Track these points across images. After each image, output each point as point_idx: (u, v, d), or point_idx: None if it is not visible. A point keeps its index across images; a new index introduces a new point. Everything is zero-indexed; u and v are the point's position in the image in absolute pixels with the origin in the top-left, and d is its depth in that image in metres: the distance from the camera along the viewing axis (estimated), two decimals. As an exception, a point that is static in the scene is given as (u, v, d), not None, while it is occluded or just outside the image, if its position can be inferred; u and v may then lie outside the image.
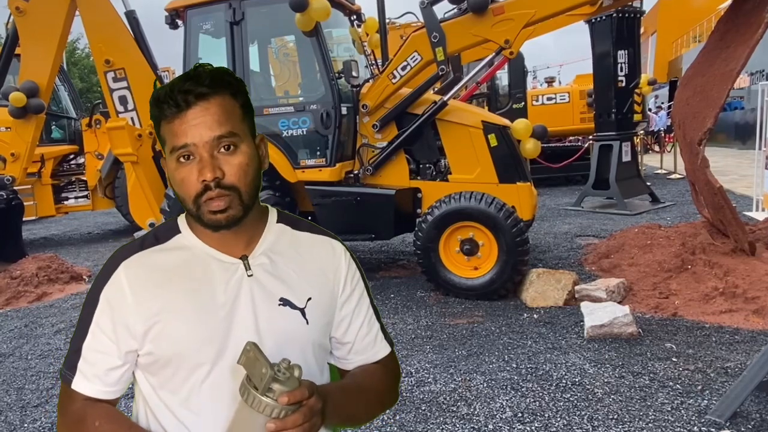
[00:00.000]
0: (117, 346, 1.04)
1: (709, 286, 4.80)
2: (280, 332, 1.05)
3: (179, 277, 1.05)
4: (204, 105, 0.98)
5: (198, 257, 1.07)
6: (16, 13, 7.61)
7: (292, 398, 0.89)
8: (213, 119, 0.98)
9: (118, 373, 1.06)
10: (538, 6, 5.16)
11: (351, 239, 6.29)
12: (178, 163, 1.00)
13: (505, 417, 3.17)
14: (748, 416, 2.99)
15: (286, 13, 5.36)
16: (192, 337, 1.02)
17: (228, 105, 1.00)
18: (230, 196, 1.00)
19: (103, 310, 1.04)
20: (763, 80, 15.23)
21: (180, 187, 1.01)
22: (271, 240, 1.11)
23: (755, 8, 4.95)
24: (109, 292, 1.04)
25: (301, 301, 1.08)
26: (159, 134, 1.03)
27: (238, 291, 1.05)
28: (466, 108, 6.09)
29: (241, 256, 1.07)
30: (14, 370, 4.36)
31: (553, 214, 9.69)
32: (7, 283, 6.51)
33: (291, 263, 1.10)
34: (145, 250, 1.08)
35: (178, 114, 0.98)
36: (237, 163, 1.00)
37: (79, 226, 12.15)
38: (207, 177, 0.97)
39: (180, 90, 0.97)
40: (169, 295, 1.03)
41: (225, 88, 1.00)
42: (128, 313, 1.02)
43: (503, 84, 13.48)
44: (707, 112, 5.12)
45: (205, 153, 0.98)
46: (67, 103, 11.40)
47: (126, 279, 1.04)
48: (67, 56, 25.21)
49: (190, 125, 0.97)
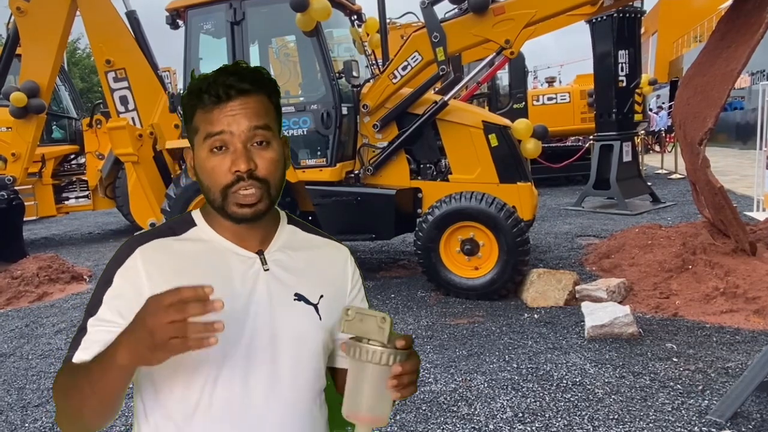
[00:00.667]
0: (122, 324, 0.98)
1: (709, 286, 4.80)
2: (294, 327, 1.07)
3: (196, 265, 1.05)
4: (244, 99, 1.01)
5: (215, 249, 1.08)
6: (17, 13, 7.62)
7: (408, 342, 0.93)
8: (251, 111, 1.01)
9: None
10: (538, 6, 5.16)
11: (351, 239, 6.29)
12: (210, 153, 1.01)
13: (506, 417, 3.17)
14: (749, 416, 2.99)
15: (286, 13, 5.36)
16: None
17: (265, 103, 1.03)
18: (261, 189, 1.02)
19: (115, 289, 1.02)
20: (763, 80, 15.21)
21: (209, 176, 1.02)
22: (284, 238, 1.14)
23: (756, 8, 4.95)
24: (124, 272, 1.03)
25: (314, 297, 1.10)
26: (190, 124, 1.04)
27: (254, 284, 1.06)
28: (467, 108, 6.08)
29: (258, 251, 1.09)
30: (15, 370, 4.36)
31: (554, 214, 9.69)
32: (7, 282, 6.52)
33: (304, 261, 1.13)
34: (161, 238, 1.08)
35: (218, 104, 1.00)
36: (269, 157, 1.03)
37: (80, 226, 12.15)
38: (241, 168, 0.99)
39: (222, 83, 0.99)
40: (185, 281, 0.99)
41: (264, 87, 1.04)
42: (142, 294, 0.98)
43: (504, 84, 13.48)
44: (708, 112, 5.12)
45: (239, 144, 1.00)
46: (68, 103, 11.41)
47: (142, 262, 1.03)
48: (68, 56, 25.24)
49: (227, 115, 1.00)
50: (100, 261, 8.14)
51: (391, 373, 0.93)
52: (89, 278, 7.15)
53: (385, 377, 0.93)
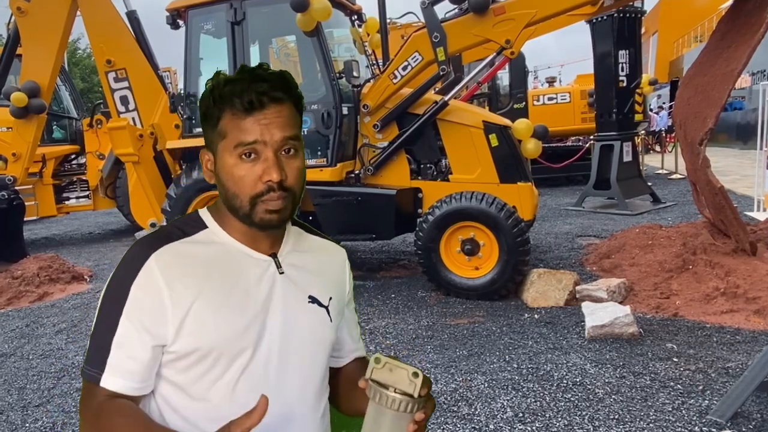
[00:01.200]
0: (150, 340, 1.00)
1: (710, 286, 4.79)
2: (307, 330, 1.08)
3: (214, 269, 1.04)
4: (277, 108, 1.01)
5: (229, 253, 1.07)
6: (18, 13, 7.62)
7: (429, 387, 0.95)
8: (284, 121, 1.01)
9: (149, 369, 1.01)
10: (539, 6, 5.16)
11: (352, 239, 6.29)
12: (239, 160, 1.00)
13: (506, 417, 3.17)
14: (749, 416, 2.99)
15: (287, 13, 5.36)
16: (231, 328, 1.01)
17: (294, 112, 1.05)
18: (288, 199, 1.02)
19: (135, 303, 0.99)
20: (764, 80, 15.21)
21: (236, 184, 1.01)
22: (293, 240, 1.15)
23: (756, 8, 4.95)
24: (141, 283, 1.00)
25: (325, 299, 1.12)
26: (214, 128, 1.02)
27: (271, 288, 1.07)
28: (467, 108, 6.08)
29: (271, 254, 1.09)
30: (16, 370, 4.36)
31: (554, 214, 9.69)
32: (8, 282, 6.52)
33: (312, 263, 1.15)
34: (174, 242, 1.05)
35: (252, 112, 0.99)
36: (297, 167, 1.04)
37: (81, 226, 12.16)
38: (274, 177, 0.99)
39: (256, 90, 0.99)
40: (205, 286, 1.02)
41: (293, 96, 1.04)
42: (163, 304, 0.99)
43: (504, 84, 13.48)
44: (708, 112, 5.12)
45: (271, 153, 1.00)
46: (69, 103, 11.41)
47: (159, 270, 1.00)
48: (68, 56, 25.24)
49: (261, 123, 0.99)
50: (101, 261, 8.15)
51: (414, 419, 0.94)
52: (90, 278, 7.15)
53: (403, 423, 0.94)
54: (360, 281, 6.16)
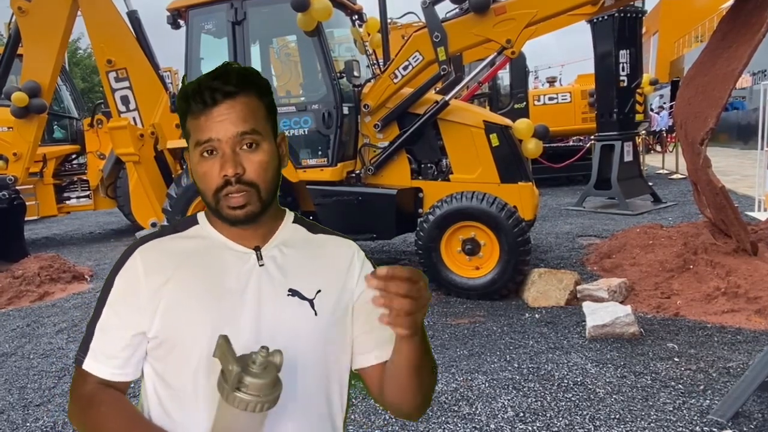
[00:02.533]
0: (128, 327, 1.06)
1: (711, 286, 4.79)
2: (286, 323, 1.06)
3: (192, 261, 1.07)
4: (230, 103, 1.00)
5: (212, 246, 1.10)
6: (19, 13, 7.63)
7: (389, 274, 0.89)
8: (238, 116, 1.00)
9: (126, 354, 1.06)
10: (539, 6, 5.16)
11: (352, 239, 6.27)
12: (201, 158, 1.03)
13: (507, 417, 3.17)
14: (750, 416, 2.99)
15: (287, 13, 5.36)
16: (201, 318, 1.03)
17: (253, 104, 1.03)
18: (249, 192, 1.02)
19: (117, 292, 1.07)
20: (765, 80, 15.19)
21: (201, 181, 1.04)
22: (284, 236, 1.14)
23: (757, 8, 4.94)
24: (124, 274, 1.07)
25: (310, 293, 1.09)
26: (184, 128, 1.06)
27: (247, 280, 1.07)
28: (468, 108, 6.08)
29: (255, 247, 1.10)
30: (16, 370, 4.37)
31: (555, 214, 9.69)
32: (9, 282, 6.52)
33: (302, 257, 1.13)
34: (161, 237, 1.12)
35: (204, 110, 1.00)
36: (258, 160, 1.03)
37: (81, 226, 12.17)
38: (228, 172, 1.00)
39: (208, 87, 1.00)
40: (180, 276, 1.06)
41: (251, 88, 1.03)
42: (140, 293, 1.05)
43: (505, 84, 13.48)
44: (709, 111, 5.12)
45: (227, 149, 1.01)
46: (69, 103, 11.42)
47: (141, 262, 1.07)
48: (69, 56, 25.26)
49: (215, 121, 1.00)
50: (102, 261, 8.15)
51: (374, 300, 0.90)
52: (90, 278, 7.15)
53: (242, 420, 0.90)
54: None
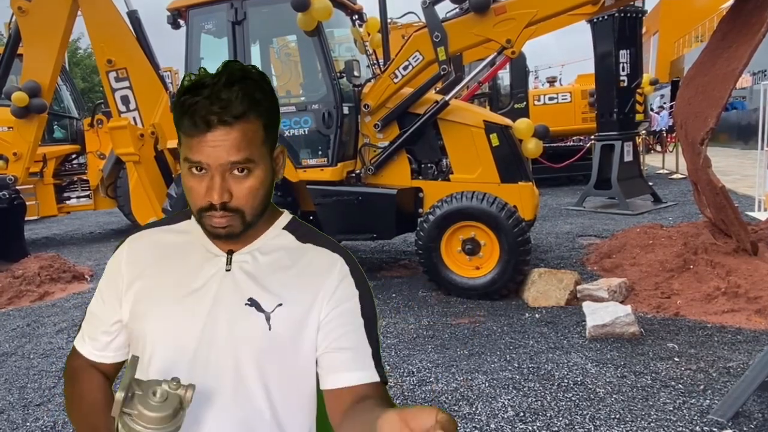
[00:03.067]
0: (108, 312, 1.11)
1: (711, 285, 4.79)
2: (237, 332, 1.03)
3: (170, 256, 1.10)
4: (226, 130, 0.95)
5: (192, 243, 1.10)
6: (19, 12, 7.62)
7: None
8: (232, 145, 0.95)
9: (107, 338, 1.12)
10: (539, 5, 5.16)
11: (352, 239, 6.29)
12: (189, 172, 1.00)
13: (507, 416, 3.17)
14: (751, 416, 2.99)
15: (287, 13, 5.36)
16: (162, 313, 1.06)
17: (250, 131, 0.97)
18: (233, 217, 1.00)
19: (104, 278, 1.14)
20: (765, 80, 15.19)
21: (188, 194, 1.03)
22: (263, 242, 1.10)
23: (757, 8, 4.94)
24: (111, 262, 1.13)
25: (269, 305, 1.03)
26: (178, 132, 1.01)
27: (211, 283, 1.06)
28: (468, 108, 6.08)
29: (228, 250, 1.08)
30: (16, 369, 4.37)
31: (555, 214, 9.69)
32: (9, 282, 6.52)
33: (275, 267, 1.07)
34: (152, 228, 1.16)
35: (198, 133, 0.95)
36: (247, 186, 0.99)
37: (81, 226, 12.17)
38: (214, 199, 0.97)
39: (206, 110, 0.93)
40: (154, 270, 1.09)
41: (254, 112, 0.97)
42: (119, 281, 1.10)
43: (505, 84, 13.48)
44: (709, 111, 5.12)
45: (216, 175, 0.97)
46: (69, 102, 11.41)
47: (126, 252, 1.12)
48: (69, 56, 25.26)
49: (207, 146, 0.95)
50: (102, 260, 8.15)
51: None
52: (90, 278, 7.15)
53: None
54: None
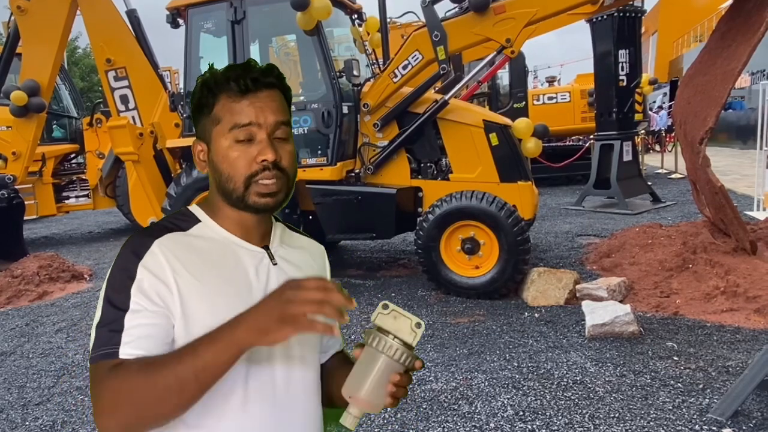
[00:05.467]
0: (160, 312, 0.97)
1: (710, 285, 4.80)
2: None
3: (213, 261, 1.05)
4: (270, 93, 1.05)
5: (225, 244, 1.08)
6: (18, 12, 7.62)
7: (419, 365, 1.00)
8: (277, 106, 1.05)
9: (163, 341, 0.97)
10: (539, 5, 5.16)
11: (352, 238, 6.29)
12: (234, 143, 1.03)
13: (507, 415, 3.17)
14: (750, 415, 2.99)
15: (287, 12, 5.36)
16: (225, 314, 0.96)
17: (283, 100, 1.08)
18: (282, 180, 1.05)
19: (142, 281, 0.97)
20: (764, 80, 15.21)
21: (231, 165, 1.03)
22: (279, 234, 1.17)
23: (756, 7, 4.95)
24: (149, 263, 0.99)
25: None
26: (209, 115, 1.04)
27: (267, 278, 1.08)
28: (468, 107, 6.08)
29: (263, 246, 1.11)
30: (15, 369, 4.36)
31: (554, 213, 9.69)
32: (8, 281, 6.52)
33: (299, 257, 1.17)
34: (173, 233, 1.05)
35: (246, 95, 1.03)
36: (289, 150, 1.07)
37: (80, 225, 12.16)
38: (269, 157, 1.02)
39: (249, 76, 1.03)
40: (205, 273, 1.02)
41: (282, 87, 1.08)
42: (169, 283, 0.99)
43: (504, 83, 13.48)
44: (708, 111, 5.12)
45: (265, 135, 1.03)
46: (68, 102, 11.41)
47: (163, 255, 1.00)
48: (68, 55, 25.23)
49: (256, 106, 1.02)
50: (101, 260, 8.15)
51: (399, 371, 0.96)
52: (90, 277, 7.15)
53: (391, 372, 0.97)
54: (360, 280, 6.16)
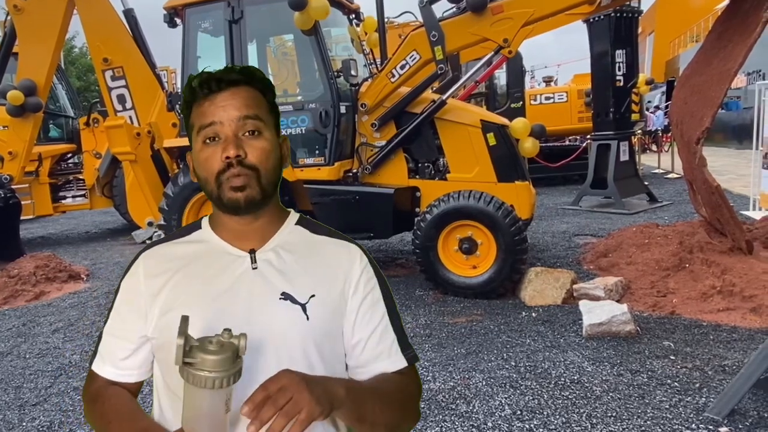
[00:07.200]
0: (131, 330, 1.10)
1: (706, 284, 4.81)
2: (276, 326, 1.05)
3: (190, 264, 1.10)
4: (233, 90, 1.05)
5: (211, 249, 1.12)
6: (14, 11, 7.60)
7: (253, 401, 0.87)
8: (241, 102, 1.04)
9: (130, 356, 1.11)
10: (536, 5, 5.17)
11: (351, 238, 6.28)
12: (203, 144, 1.05)
13: (504, 415, 3.18)
14: (746, 413, 3.01)
15: (285, 12, 5.35)
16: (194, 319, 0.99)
17: (256, 96, 1.07)
18: (249, 175, 1.04)
19: (122, 297, 1.13)
20: (760, 80, 15.26)
21: (203, 167, 1.05)
22: (283, 238, 1.14)
23: (753, 8, 4.96)
24: (128, 280, 1.13)
25: (303, 297, 1.07)
26: (188, 121, 1.09)
27: (239, 283, 1.07)
28: (465, 107, 6.09)
29: (250, 249, 1.10)
30: (12, 369, 4.35)
31: (552, 213, 9.71)
32: (4, 281, 6.50)
33: (299, 261, 1.11)
34: (165, 243, 1.16)
35: (209, 96, 1.05)
36: (260, 146, 1.05)
37: (77, 225, 12.12)
38: (230, 153, 1.02)
39: (213, 77, 1.05)
40: (177, 279, 1.09)
41: (254, 82, 1.07)
42: (140, 297, 1.10)
43: (502, 83, 13.49)
44: (705, 111, 5.14)
45: (229, 132, 1.04)
46: (65, 101, 11.38)
47: (142, 267, 1.12)
48: (65, 55, 25.14)
49: (218, 106, 1.04)
50: (98, 260, 8.13)
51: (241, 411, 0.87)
52: (86, 277, 7.13)
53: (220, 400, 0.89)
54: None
